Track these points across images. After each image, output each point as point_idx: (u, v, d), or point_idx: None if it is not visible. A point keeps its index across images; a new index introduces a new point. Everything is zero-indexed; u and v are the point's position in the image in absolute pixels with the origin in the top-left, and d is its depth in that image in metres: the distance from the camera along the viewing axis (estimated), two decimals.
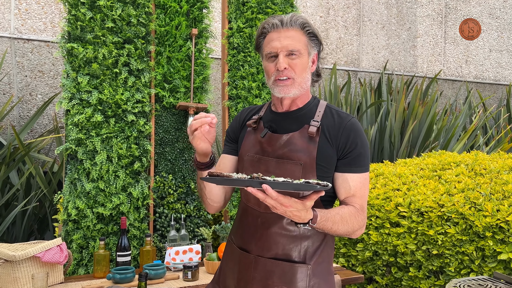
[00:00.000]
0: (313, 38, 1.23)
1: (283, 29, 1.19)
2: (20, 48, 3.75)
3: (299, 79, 1.20)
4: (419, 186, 2.26)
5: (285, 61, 1.18)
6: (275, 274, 1.17)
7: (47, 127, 3.85)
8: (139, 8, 2.41)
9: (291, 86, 1.19)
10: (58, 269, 1.90)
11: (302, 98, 1.25)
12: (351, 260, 2.42)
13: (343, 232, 1.14)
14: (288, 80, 1.19)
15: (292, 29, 1.20)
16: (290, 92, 1.20)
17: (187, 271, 1.95)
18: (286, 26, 1.19)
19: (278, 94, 1.21)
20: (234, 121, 1.38)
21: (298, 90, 1.21)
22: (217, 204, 1.28)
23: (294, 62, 1.19)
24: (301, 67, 1.20)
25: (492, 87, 5.93)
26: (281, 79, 1.19)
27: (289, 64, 1.18)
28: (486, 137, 4.24)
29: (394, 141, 3.85)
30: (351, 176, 1.19)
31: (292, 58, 1.19)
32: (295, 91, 1.20)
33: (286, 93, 1.20)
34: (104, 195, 2.30)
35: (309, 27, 1.21)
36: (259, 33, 1.25)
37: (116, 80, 2.35)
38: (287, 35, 1.19)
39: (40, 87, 3.82)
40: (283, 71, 1.18)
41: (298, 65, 1.19)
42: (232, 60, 2.67)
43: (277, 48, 1.19)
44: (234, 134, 1.36)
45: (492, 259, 1.86)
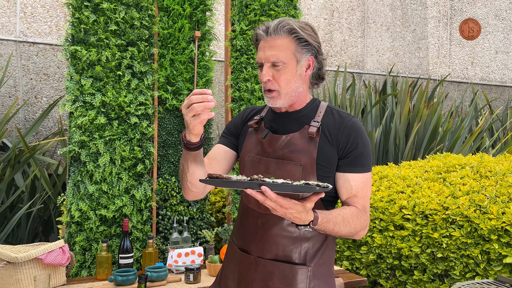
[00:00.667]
0: (304, 43, 1.19)
1: (269, 38, 1.18)
2: (25, 51, 3.78)
3: (284, 91, 1.19)
4: (423, 189, 2.24)
5: (269, 72, 1.18)
6: (275, 275, 1.16)
7: (52, 129, 3.87)
8: (142, 11, 2.42)
9: (277, 98, 1.19)
10: (61, 271, 1.90)
11: (299, 102, 1.25)
12: (355, 263, 2.40)
13: (345, 233, 1.13)
14: (273, 92, 1.19)
15: (278, 37, 1.17)
16: (276, 103, 1.20)
17: (189, 274, 1.94)
18: (271, 35, 1.17)
19: (267, 104, 1.23)
20: (237, 117, 1.37)
21: (286, 101, 1.20)
22: (197, 190, 1.21)
23: (278, 74, 1.18)
24: (285, 79, 1.18)
25: (499, 89, 5.88)
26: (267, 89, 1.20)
27: (273, 76, 1.18)
28: (492, 140, 4.20)
29: (399, 144, 3.82)
30: (353, 176, 1.18)
31: (277, 70, 1.18)
32: (282, 102, 1.20)
33: (274, 104, 1.21)
34: (107, 197, 2.30)
35: (297, 33, 1.17)
36: (254, 39, 1.25)
37: (119, 83, 2.35)
38: (272, 44, 1.17)
39: (45, 90, 3.85)
40: (266, 83, 1.18)
41: (281, 77, 1.18)
42: (235, 62, 2.67)
43: (261, 59, 1.19)
44: (235, 128, 1.35)
45: (497, 262, 1.84)
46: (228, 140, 1.34)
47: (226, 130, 1.37)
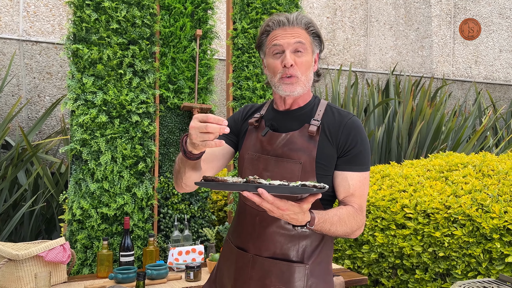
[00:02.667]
0: (316, 38, 1.23)
1: (289, 27, 1.19)
2: (28, 50, 3.79)
3: (303, 78, 1.19)
4: (425, 188, 2.22)
5: (292, 57, 1.18)
6: (273, 273, 1.16)
7: (55, 128, 3.89)
8: (143, 9, 2.42)
9: (296, 84, 1.19)
10: (61, 268, 1.90)
11: (303, 97, 1.25)
12: (357, 262, 2.39)
13: (342, 233, 1.12)
14: (293, 78, 1.18)
15: (297, 27, 1.20)
16: (295, 90, 1.19)
17: (189, 272, 1.94)
18: (292, 24, 1.20)
19: (283, 92, 1.20)
20: (236, 114, 1.38)
21: (302, 88, 1.20)
22: (190, 189, 1.22)
23: (300, 60, 1.18)
24: (306, 65, 1.19)
25: (503, 88, 5.84)
26: (287, 76, 1.18)
27: (295, 61, 1.18)
28: (496, 138, 4.17)
29: (401, 142, 3.81)
30: (351, 174, 1.17)
31: (298, 56, 1.18)
32: (299, 89, 1.20)
33: (292, 92, 1.19)
34: (109, 196, 2.31)
35: (313, 27, 1.22)
36: (262, 31, 1.24)
37: (120, 81, 2.36)
38: (293, 32, 1.19)
39: (48, 89, 3.86)
40: (289, 69, 1.17)
41: (304, 63, 1.19)
42: (236, 61, 2.66)
43: (284, 44, 1.18)
44: (235, 126, 1.35)
45: (499, 261, 1.83)
46: (226, 136, 1.34)
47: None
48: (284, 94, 1.20)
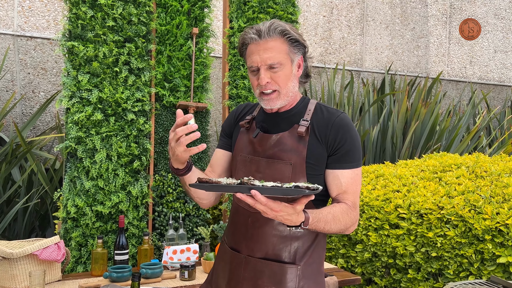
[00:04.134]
0: (295, 43, 1.20)
1: (262, 41, 1.17)
2: (23, 45, 3.76)
3: (284, 90, 1.19)
4: (419, 188, 2.24)
5: (267, 75, 1.17)
6: (265, 274, 1.17)
7: (49, 124, 3.87)
8: (140, 7, 2.41)
9: (276, 99, 1.20)
10: (56, 266, 1.90)
11: (291, 101, 1.26)
12: (350, 261, 2.41)
13: (336, 230, 1.14)
14: (273, 93, 1.19)
15: (271, 40, 1.16)
16: (275, 104, 1.21)
17: (184, 271, 1.95)
18: (264, 37, 1.17)
19: (265, 106, 1.22)
20: (230, 116, 1.39)
21: (284, 101, 1.21)
22: (207, 201, 1.28)
23: (277, 75, 1.18)
24: (284, 78, 1.19)
25: (497, 88, 5.88)
26: (266, 92, 1.19)
27: (271, 77, 1.17)
28: (489, 139, 4.21)
29: (396, 142, 3.83)
30: (342, 172, 1.18)
31: (274, 71, 1.17)
32: (281, 102, 1.21)
33: (272, 106, 1.21)
34: (104, 194, 2.30)
35: (289, 34, 1.18)
36: (240, 44, 1.23)
37: (116, 79, 2.35)
38: (266, 47, 1.16)
39: (42, 85, 3.83)
40: (266, 85, 1.18)
41: (281, 76, 1.18)
42: (232, 60, 2.66)
43: (257, 62, 1.17)
44: (229, 128, 1.36)
45: (491, 262, 1.85)
46: (224, 143, 1.36)
47: (222, 132, 1.39)
48: (267, 108, 1.23)
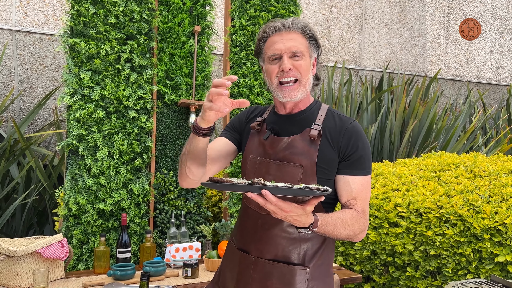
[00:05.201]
0: (313, 41, 1.24)
1: (285, 32, 1.21)
2: (21, 40, 3.73)
3: (304, 80, 1.21)
4: (418, 187, 2.27)
5: (290, 62, 1.19)
6: (274, 275, 1.18)
7: (47, 120, 3.85)
8: (142, 4, 2.40)
9: (297, 89, 1.20)
10: (59, 264, 1.91)
11: (304, 101, 1.26)
12: (349, 258, 2.44)
13: (345, 236, 1.14)
14: (295, 83, 1.19)
15: (293, 32, 1.21)
16: (296, 95, 1.20)
17: (187, 269, 1.96)
18: (288, 29, 1.21)
19: (283, 98, 1.21)
20: (242, 114, 1.39)
21: (303, 92, 1.21)
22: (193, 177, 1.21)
23: (299, 63, 1.19)
24: (305, 68, 1.21)
25: (493, 88, 5.94)
26: (287, 80, 1.18)
27: (293, 65, 1.19)
28: (485, 138, 4.25)
29: (394, 140, 3.86)
30: (353, 178, 1.19)
31: (296, 60, 1.19)
32: (300, 94, 1.21)
33: (292, 97, 1.20)
34: (105, 191, 2.30)
35: (309, 30, 1.23)
36: (259, 37, 1.25)
37: (118, 76, 2.35)
38: (290, 37, 1.20)
39: (41, 80, 3.81)
40: (288, 72, 1.18)
41: (302, 65, 1.20)
42: (234, 58, 2.67)
43: (281, 50, 1.19)
44: (239, 125, 1.36)
45: (489, 261, 1.88)
46: (231, 135, 1.35)
47: (229, 125, 1.39)
48: (284, 100, 1.21)
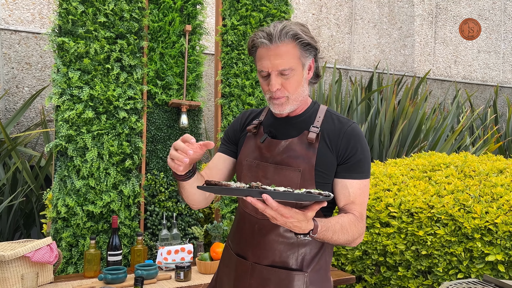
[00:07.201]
0: (307, 47, 1.16)
1: (273, 46, 1.12)
2: (7, 39, 3.65)
3: (293, 96, 1.17)
4: (409, 187, 2.28)
5: (277, 81, 1.14)
6: (272, 281, 1.16)
7: (34, 120, 3.77)
8: (132, 3, 2.36)
9: (285, 104, 1.18)
10: (48, 268, 1.87)
11: (301, 106, 1.24)
12: (341, 259, 2.44)
13: (343, 241, 1.11)
14: (282, 98, 1.17)
15: (282, 44, 1.12)
16: (284, 109, 1.19)
17: (179, 272, 1.94)
18: (275, 42, 1.12)
19: (274, 111, 1.20)
20: (235, 122, 1.35)
21: (293, 105, 1.19)
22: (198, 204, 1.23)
23: (288, 81, 1.15)
24: (295, 84, 1.16)
25: (480, 88, 6.03)
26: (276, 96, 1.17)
27: (282, 84, 1.15)
28: (473, 138, 4.31)
29: (384, 140, 3.88)
30: (351, 182, 1.17)
31: (285, 78, 1.14)
32: (290, 107, 1.19)
33: (281, 111, 1.19)
34: (95, 193, 2.27)
35: (301, 38, 1.13)
36: (249, 46, 1.19)
37: (108, 76, 2.31)
38: (277, 52, 1.12)
39: (27, 80, 3.73)
40: (275, 92, 1.16)
41: (291, 83, 1.15)
42: (225, 58, 2.65)
43: (268, 68, 1.14)
44: (234, 135, 1.33)
45: (480, 260, 1.90)
46: (227, 148, 1.32)
47: (225, 137, 1.35)
48: (275, 112, 1.21)
